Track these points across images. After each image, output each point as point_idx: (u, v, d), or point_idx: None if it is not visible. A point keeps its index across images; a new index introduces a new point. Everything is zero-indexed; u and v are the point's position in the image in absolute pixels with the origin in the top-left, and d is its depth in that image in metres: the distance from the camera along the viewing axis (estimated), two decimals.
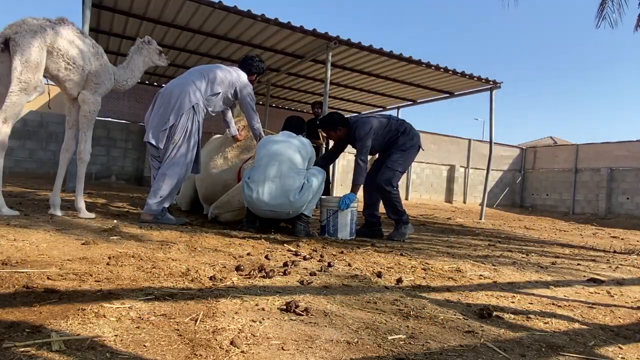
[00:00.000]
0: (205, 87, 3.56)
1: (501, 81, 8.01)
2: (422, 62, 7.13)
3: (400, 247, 3.35)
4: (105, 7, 5.86)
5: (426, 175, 13.23)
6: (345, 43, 6.45)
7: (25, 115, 8.70)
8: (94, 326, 1.17)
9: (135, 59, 3.63)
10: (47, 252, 2.01)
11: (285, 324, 1.34)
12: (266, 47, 7.05)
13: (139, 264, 1.95)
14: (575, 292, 2.25)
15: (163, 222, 3.40)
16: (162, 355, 1.04)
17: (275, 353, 1.11)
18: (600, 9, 7.76)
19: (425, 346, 1.25)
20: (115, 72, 3.49)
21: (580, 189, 13.04)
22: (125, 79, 3.57)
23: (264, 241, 2.95)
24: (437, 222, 6.65)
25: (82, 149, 3.32)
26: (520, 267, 2.87)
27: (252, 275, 1.93)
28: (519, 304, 1.89)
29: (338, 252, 2.79)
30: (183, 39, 6.96)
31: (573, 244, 4.86)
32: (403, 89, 8.98)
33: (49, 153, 8.94)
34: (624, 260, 3.75)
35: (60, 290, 1.45)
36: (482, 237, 4.79)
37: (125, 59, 3.65)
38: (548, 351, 1.31)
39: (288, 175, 3.21)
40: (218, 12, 5.79)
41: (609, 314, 1.84)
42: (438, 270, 2.45)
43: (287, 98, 10.68)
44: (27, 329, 1.10)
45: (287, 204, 3.20)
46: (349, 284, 1.98)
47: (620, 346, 1.42)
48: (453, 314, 1.62)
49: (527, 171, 14.79)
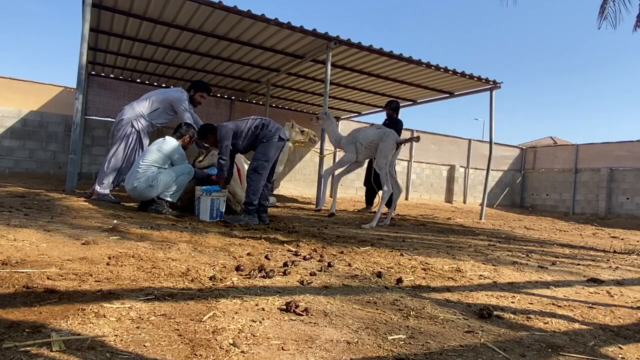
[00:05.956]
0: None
1: (501, 81, 8.00)
2: (422, 62, 7.13)
3: (400, 247, 3.35)
4: (105, 7, 5.85)
5: (426, 175, 13.22)
6: (345, 43, 6.44)
7: (25, 115, 8.70)
8: (94, 326, 1.17)
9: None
10: (47, 252, 2.01)
11: (285, 324, 1.33)
12: (266, 47, 7.05)
13: (139, 264, 1.95)
14: (575, 292, 2.25)
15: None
16: (162, 355, 1.04)
17: (275, 353, 1.11)
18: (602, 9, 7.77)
19: (425, 346, 1.25)
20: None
21: (580, 189, 13.03)
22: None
23: (264, 241, 2.96)
24: (437, 222, 6.65)
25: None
26: (520, 267, 2.86)
27: (252, 275, 1.93)
28: (519, 304, 1.89)
29: (338, 252, 2.79)
30: (183, 39, 6.95)
31: (573, 244, 4.86)
32: (403, 89, 8.97)
33: (49, 153, 8.94)
34: (624, 260, 3.75)
35: (60, 290, 1.45)
36: (482, 237, 4.79)
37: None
38: (548, 351, 1.31)
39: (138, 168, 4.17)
40: (218, 12, 5.78)
41: (609, 314, 1.84)
42: (438, 270, 2.45)
43: (287, 98, 10.67)
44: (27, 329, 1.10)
45: (130, 188, 4.17)
46: (349, 284, 1.98)
47: (620, 346, 1.42)
48: (453, 314, 1.62)
49: (527, 171, 14.78)
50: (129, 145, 4.70)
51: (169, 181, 4.20)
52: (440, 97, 9.34)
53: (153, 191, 4.17)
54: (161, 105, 4.82)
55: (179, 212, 4.40)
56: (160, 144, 4.32)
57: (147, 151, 4.29)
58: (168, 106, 4.85)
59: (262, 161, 4.31)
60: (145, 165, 4.16)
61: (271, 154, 4.35)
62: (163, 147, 4.29)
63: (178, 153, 4.33)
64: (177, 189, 4.29)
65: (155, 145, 4.31)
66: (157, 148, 4.27)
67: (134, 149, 4.74)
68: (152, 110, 4.80)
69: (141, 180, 4.12)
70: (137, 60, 8.15)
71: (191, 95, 4.95)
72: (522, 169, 14.86)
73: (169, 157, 4.28)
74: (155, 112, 4.82)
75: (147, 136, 4.95)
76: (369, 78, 8.34)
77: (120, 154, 4.67)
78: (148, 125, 4.84)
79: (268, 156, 4.33)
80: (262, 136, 4.37)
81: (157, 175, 4.15)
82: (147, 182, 4.12)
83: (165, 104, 4.83)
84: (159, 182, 4.16)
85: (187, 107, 4.85)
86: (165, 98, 4.84)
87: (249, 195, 4.29)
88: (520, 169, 14.86)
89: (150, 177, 4.13)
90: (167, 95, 4.89)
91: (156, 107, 4.80)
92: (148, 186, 4.13)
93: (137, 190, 4.16)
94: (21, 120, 8.66)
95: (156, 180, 4.14)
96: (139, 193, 4.20)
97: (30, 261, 1.81)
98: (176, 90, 4.99)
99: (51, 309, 1.28)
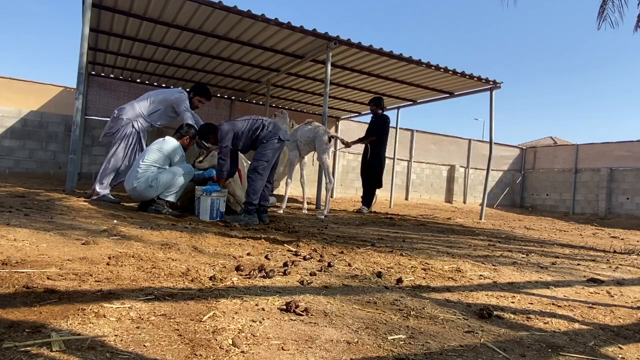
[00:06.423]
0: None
1: (501, 81, 8.00)
2: (422, 62, 7.13)
3: (400, 247, 3.35)
4: (105, 7, 5.86)
5: (426, 175, 13.22)
6: (345, 43, 6.44)
7: (25, 115, 8.70)
8: (94, 326, 1.17)
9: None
10: (47, 252, 2.01)
11: (285, 324, 1.33)
12: (266, 47, 7.05)
13: (139, 264, 1.95)
14: (575, 292, 2.25)
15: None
16: (162, 355, 1.04)
17: (275, 353, 1.11)
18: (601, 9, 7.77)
19: (425, 346, 1.25)
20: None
21: (580, 189, 13.03)
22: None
23: (264, 241, 2.96)
24: (437, 222, 6.65)
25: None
26: (520, 267, 2.86)
27: (252, 275, 1.93)
28: (519, 304, 1.89)
29: (338, 252, 2.79)
30: (183, 39, 6.95)
31: (573, 244, 4.86)
32: (403, 89, 8.97)
33: (49, 153, 8.94)
34: (624, 260, 3.75)
35: (60, 290, 1.45)
36: (482, 237, 4.79)
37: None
38: (548, 351, 1.31)
39: (137, 167, 4.18)
40: (218, 12, 5.78)
41: (609, 314, 1.84)
42: (438, 270, 2.45)
43: (287, 98, 10.67)
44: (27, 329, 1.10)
45: (130, 189, 4.19)
46: (349, 284, 1.98)
47: (620, 346, 1.42)
48: (453, 314, 1.62)
49: (527, 171, 14.78)
50: (129, 145, 4.72)
51: (168, 181, 4.21)
52: (440, 97, 9.34)
53: (153, 191, 4.18)
54: (162, 106, 4.84)
55: (179, 212, 4.40)
56: (161, 144, 4.32)
57: (147, 151, 4.28)
58: (169, 107, 4.87)
59: (263, 161, 4.32)
60: (145, 165, 4.17)
61: (271, 154, 4.36)
62: (163, 147, 4.29)
63: (178, 153, 4.34)
64: (177, 189, 4.29)
65: (156, 145, 4.31)
66: (157, 148, 4.27)
67: (134, 149, 4.75)
68: (153, 111, 4.82)
69: (141, 180, 4.13)
70: (137, 60, 8.15)
71: (190, 97, 4.97)
72: (522, 169, 14.87)
73: (169, 157, 4.29)
74: (156, 114, 4.84)
75: (147, 136, 4.96)
76: (369, 78, 8.34)
77: (120, 154, 4.68)
78: (148, 125, 4.87)
79: (268, 156, 4.34)
80: (263, 137, 4.38)
81: (157, 176, 4.16)
82: (147, 182, 4.13)
83: (165, 104, 4.85)
84: (159, 182, 4.17)
85: (188, 107, 4.86)
86: (166, 98, 4.86)
87: (249, 195, 4.28)
88: (520, 169, 14.86)
89: (150, 177, 4.13)
90: (167, 95, 4.91)
91: (157, 108, 4.83)
92: (148, 186, 4.14)
93: (137, 190, 4.16)
94: (21, 120, 8.66)
95: (156, 180, 4.15)
96: (138, 193, 4.20)
97: (30, 261, 1.81)
98: (176, 91, 5.01)
99: (51, 309, 1.28)
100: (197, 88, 5.08)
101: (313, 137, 5.77)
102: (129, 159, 4.72)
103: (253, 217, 4.28)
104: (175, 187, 4.26)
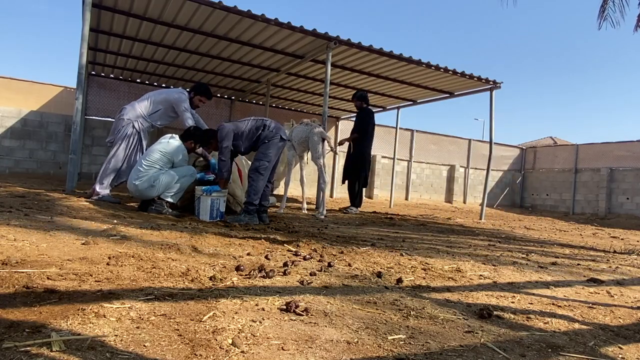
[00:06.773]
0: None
1: (501, 81, 8.00)
2: (422, 62, 7.12)
3: (400, 247, 3.35)
4: (105, 7, 5.85)
5: (426, 175, 13.22)
6: (345, 43, 6.44)
7: (25, 115, 8.70)
8: (94, 326, 1.17)
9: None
10: (47, 252, 2.01)
11: (285, 324, 1.33)
12: (266, 47, 7.04)
13: (139, 264, 1.95)
14: (575, 292, 2.25)
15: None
16: (162, 355, 1.04)
17: (275, 353, 1.11)
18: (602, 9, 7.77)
19: (425, 346, 1.25)
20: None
21: (580, 189, 13.03)
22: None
23: (264, 241, 2.96)
24: (437, 222, 6.65)
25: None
26: (520, 267, 2.86)
27: (252, 275, 1.93)
28: (519, 304, 1.89)
29: (338, 252, 2.79)
30: (183, 39, 6.95)
31: (573, 244, 4.86)
32: (403, 89, 8.97)
33: (49, 153, 8.94)
34: (624, 260, 3.75)
35: (60, 290, 1.45)
36: (482, 237, 4.79)
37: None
38: (548, 351, 1.31)
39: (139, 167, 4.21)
40: (218, 12, 5.78)
41: (609, 314, 1.84)
42: (438, 270, 2.45)
43: (287, 98, 10.67)
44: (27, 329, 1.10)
45: (132, 187, 4.22)
46: (349, 284, 1.98)
47: (620, 346, 1.42)
48: (453, 314, 1.62)
49: (527, 171, 14.78)
50: (130, 145, 4.74)
51: (170, 182, 4.22)
52: (440, 97, 9.34)
53: (154, 191, 4.19)
54: (162, 106, 4.86)
55: (179, 212, 4.40)
56: (164, 144, 4.33)
57: (150, 151, 4.29)
58: (169, 107, 4.89)
59: (264, 161, 4.33)
60: (147, 164, 4.19)
61: (272, 154, 4.37)
62: (166, 148, 4.30)
63: (181, 155, 4.34)
64: (178, 190, 4.31)
65: (159, 146, 4.31)
66: (159, 149, 4.27)
67: (134, 149, 4.76)
68: (154, 111, 4.84)
69: (143, 180, 4.15)
70: (137, 60, 8.15)
71: (191, 97, 4.97)
72: (522, 169, 14.86)
73: (171, 159, 4.30)
74: (156, 114, 4.86)
75: (147, 136, 4.97)
76: (369, 78, 8.34)
77: (120, 154, 4.70)
78: (149, 126, 4.88)
79: (269, 156, 4.35)
80: (264, 137, 4.39)
81: (158, 176, 4.18)
82: (149, 182, 4.15)
83: (166, 104, 4.87)
84: (160, 183, 4.18)
85: (188, 107, 4.87)
86: (166, 98, 4.88)
87: (250, 195, 4.29)
88: (520, 169, 14.86)
89: (152, 177, 4.15)
90: (167, 95, 4.92)
91: (157, 108, 4.85)
92: (149, 186, 4.16)
93: (139, 189, 4.19)
94: (21, 120, 8.66)
95: (157, 180, 4.17)
96: (140, 192, 4.22)
97: (30, 261, 1.81)
98: (177, 91, 5.02)
99: (51, 309, 1.28)
100: (197, 87, 5.08)
101: (306, 136, 5.83)
102: (129, 159, 4.72)
103: (253, 217, 4.28)
104: (175, 189, 4.27)
